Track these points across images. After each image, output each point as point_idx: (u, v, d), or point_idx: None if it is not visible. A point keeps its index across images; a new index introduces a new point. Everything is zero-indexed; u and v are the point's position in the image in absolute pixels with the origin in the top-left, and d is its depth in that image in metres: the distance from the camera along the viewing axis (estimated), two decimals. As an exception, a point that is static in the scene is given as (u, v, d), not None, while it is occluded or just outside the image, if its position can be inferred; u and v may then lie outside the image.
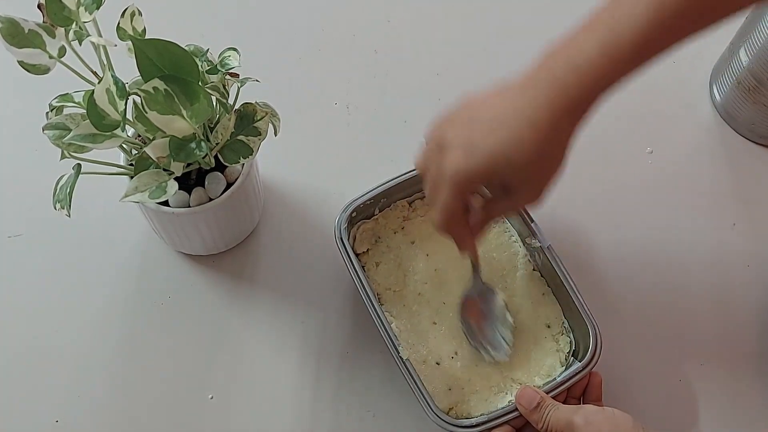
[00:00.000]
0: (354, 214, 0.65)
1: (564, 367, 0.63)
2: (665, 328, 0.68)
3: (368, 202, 0.65)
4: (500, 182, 0.52)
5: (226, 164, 0.59)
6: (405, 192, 0.68)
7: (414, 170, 0.66)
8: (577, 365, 0.61)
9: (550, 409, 0.57)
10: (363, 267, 0.65)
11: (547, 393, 0.59)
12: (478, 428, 0.58)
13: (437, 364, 0.63)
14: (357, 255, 0.66)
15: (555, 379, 0.61)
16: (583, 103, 0.49)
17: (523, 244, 0.67)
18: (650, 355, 0.67)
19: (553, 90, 0.48)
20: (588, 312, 0.62)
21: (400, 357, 0.59)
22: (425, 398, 0.58)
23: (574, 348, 0.64)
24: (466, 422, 0.58)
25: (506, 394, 0.62)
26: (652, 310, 0.69)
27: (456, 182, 0.51)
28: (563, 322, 0.65)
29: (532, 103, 0.49)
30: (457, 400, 0.61)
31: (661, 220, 0.73)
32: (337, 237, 0.63)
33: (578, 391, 0.61)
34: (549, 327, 0.65)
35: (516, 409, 0.58)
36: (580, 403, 0.61)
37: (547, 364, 0.63)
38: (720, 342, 0.67)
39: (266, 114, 0.59)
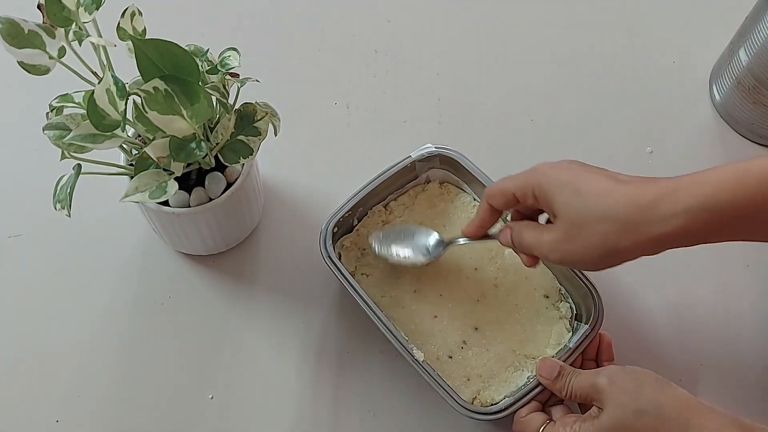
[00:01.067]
0: (336, 230, 0.65)
1: (571, 333, 0.63)
2: (664, 329, 0.68)
3: (346, 215, 0.65)
4: (544, 202, 0.54)
5: (226, 164, 0.59)
6: (379, 197, 0.68)
7: (383, 173, 0.67)
8: (585, 328, 0.61)
9: (572, 376, 0.57)
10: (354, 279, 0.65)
11: (563, 361, 0.60)
12: (508, 411, 0.59)
13: (450, 357, 0.63)
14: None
15: (567, 346, 0.62)
16: (669, 244, 0.49)
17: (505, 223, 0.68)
18: (649, 355, 0.67)
19: (652, 225, 0.48)
20: (582, 273, 0.63)
21: (416, 360, 0.60)
22: (450, 395, 0.59)
23: (576, 312, 0.65)
24: (495, 408, 0.59)
25: (523, 371, 0.63)
26: (651, 310, 0.69)
27: (523, 174, 0.54)
28: (560, 289, 0.66)
29: (630, 222, 0.49)
30: (478, 388, 0.62)
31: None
32: (324, 255, 0.63)
33: (592, 352, 0.62)
34: (547, 297, 0.66)
35: (538, 384, 0.59)
36: (596, 365, 0.62)
37: (555, 333, 0.64)
38: (719, 342, 0.67)
39: (266, 114, 0.59)
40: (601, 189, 0.50)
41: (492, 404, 0.60)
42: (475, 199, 0.69)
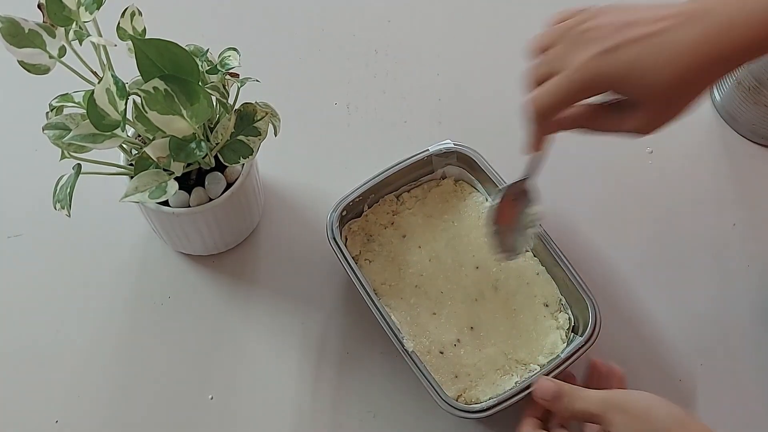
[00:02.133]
0: (344, 213, 0.65)
1: (566, 344, 0.63)
2: (665, 328, 0.68)
3: (357, 200, 0.66)
4: (622, 94, 0.51)
5: (226, 164, 0.59)
6: (392, 186, 0.69)
7: (399, 163, 0.67)
8: (579, 340, 0.61)
9: (573, 400, 0.55)
10: (357, 263, 0.65)
11: (552, 370, 0.59)
12: (489, 412, 0.59)
13: (441, 353, 0.63)
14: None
15: (558, 356, 0.62)
16: (741, 55, 0.47)
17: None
18: (650, 355, 0.67)
19: (715, 31, 0.46)
20: (584, 286, 0.63)
21: (405, 350, 0.60)
22: (434, 388, 0.59)
23: (573, 324, 0.65)
24: (477, 407, 0.59)
25: (512, 375, 0.63)
26: (651, 310, 0.69)
27: (581, 77, 0.49)
28: (560, 300, 0.66)
29: (690, 33, 0.47)
30: (464, 386, 0.62)
31: (661, 221, 0.73)
32: (330, 237, 0.63)
33: (605, 383, 0.60)
34: (547, 306, 0.65)
35: (523, 390, 0.59)
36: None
37: (549, 342, 0.64)
38: (720, 342, 0.67)
39: (266, 114, 0.59)
40: (664, 65, 0.47)
41: (476, 403, 0.60)
42: (487, 199, 0.69)
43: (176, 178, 0.55)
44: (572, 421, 0.57)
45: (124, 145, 0.59)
